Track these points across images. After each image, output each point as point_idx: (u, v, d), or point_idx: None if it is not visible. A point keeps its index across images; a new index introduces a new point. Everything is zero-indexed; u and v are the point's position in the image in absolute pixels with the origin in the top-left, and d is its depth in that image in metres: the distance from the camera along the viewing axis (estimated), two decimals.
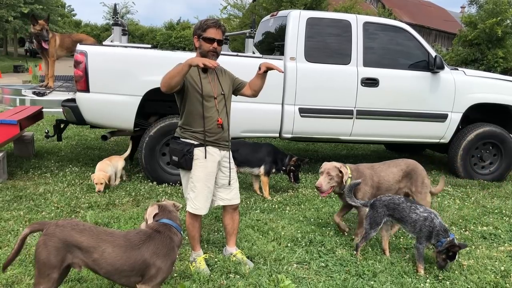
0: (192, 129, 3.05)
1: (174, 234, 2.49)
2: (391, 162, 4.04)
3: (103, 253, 2.28)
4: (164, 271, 2.37)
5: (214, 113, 3.06)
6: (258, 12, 18.62)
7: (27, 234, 2.32)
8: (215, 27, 3.01)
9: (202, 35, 3.01)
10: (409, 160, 4.07)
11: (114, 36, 5.58)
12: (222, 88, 3.12)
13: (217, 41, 3.01)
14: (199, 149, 3.04)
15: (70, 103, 5.12)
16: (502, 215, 4.69)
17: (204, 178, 3.04)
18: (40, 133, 7.67)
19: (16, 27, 28.80)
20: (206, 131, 3.03)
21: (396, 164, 3.98)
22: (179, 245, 2.55)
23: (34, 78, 18.12)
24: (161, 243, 2.39)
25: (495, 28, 19.72)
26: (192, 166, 3.03)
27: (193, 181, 3.05)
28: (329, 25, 5.64)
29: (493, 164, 6.29)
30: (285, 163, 5.04)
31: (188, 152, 3.01)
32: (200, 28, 3.03)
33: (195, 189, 3.05)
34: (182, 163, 3.04)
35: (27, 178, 5.17)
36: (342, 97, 5.60)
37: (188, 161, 3.02)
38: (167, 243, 2.41)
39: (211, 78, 3.10)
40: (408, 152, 7.93)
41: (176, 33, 33.47)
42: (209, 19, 3.07)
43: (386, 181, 3.85)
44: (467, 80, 6.00)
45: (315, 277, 3.13)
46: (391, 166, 3.96)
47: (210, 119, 3.04)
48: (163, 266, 2.36)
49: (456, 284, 3.10)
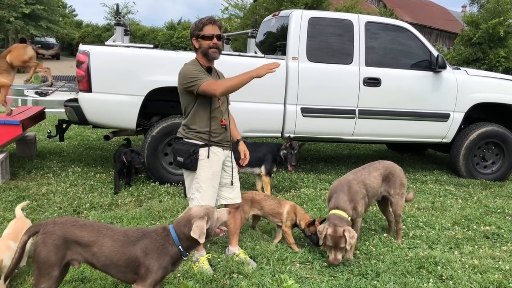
0: (197, 129, 3.06)
1: (170, 244, 2.37)
2: (369, 166, 3.79)
3: (102, 246, 2.28)
4: (152, 272, 2.31)
5: (219, 114, 3.08)
6: (259, 12, 18.61)
7: (25, 240, 2.33)
8: (210, 24, 3.02)
9: (200, 34, 3.02)
10: (386, 162, 3.89)
11: (116, 36, 5.59)
12: None
13: (216, 36, 3.02)
14: (204, 149, 3.05)
15: (73, 103, 5.13)
16: (504, 215, 4.68)
17: (210, 178, 3.05)
18: (42, 134, 7.68)
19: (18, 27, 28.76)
20: (212, 131, 3.05)
21: (376, 168, 3.77)
22: (175, 259, 2.40)
23: (35, 79, 18.13)
24: (151, 243, 2.34)
25: (497, 27, 19.67)
26: (197, 166, 3.03)
27: (199, 181, 3.05)
28: (331, 24, 5.64)
29: (495, 163, 6.28)
30: (281, 151, 4.92)
31: (194, 152, 3.01)
32: (196, 29, 3.04)
33: (201, 189, 3.05)
34: (188, 164, 3.04)
35: (30, 179, 5.17)
36: (344, 96, 5.60)
37: (194, 162, 3.02)
38: (157, 246, 2.35)
39: (215, 79, 3.11)
40: (410, 151, 7.92)
41: (177, 33, 33.44)
42: (203, 18, 3.07)
43: (372, 188, 3.66)
44: (469, 79, 5.99)
45: (318, 277, 3.13)
46: (371, 171, 3.73)
47: (215, 119, 3.06)
48: (150, 266, 2.31)
49: (459, 284, 3.10)
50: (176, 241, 2.38)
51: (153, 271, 2.31)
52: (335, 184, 3.60)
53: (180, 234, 2.40)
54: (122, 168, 4.95)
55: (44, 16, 29.97)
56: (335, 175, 6.00)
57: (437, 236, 3.98)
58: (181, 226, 2.41)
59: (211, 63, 3.11)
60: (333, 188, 3.56)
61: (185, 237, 2.39)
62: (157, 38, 34.75)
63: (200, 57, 3.08)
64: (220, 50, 3.09)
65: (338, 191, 3.49)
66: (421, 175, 6.33)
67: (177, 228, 2.41)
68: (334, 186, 3.59)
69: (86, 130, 8.48)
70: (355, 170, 3.77)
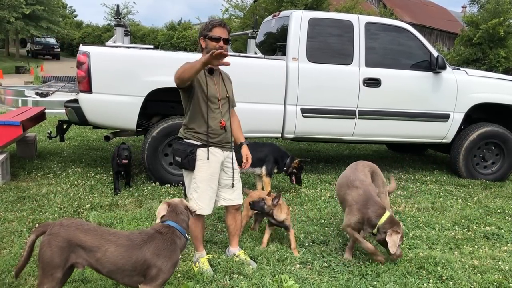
0: (195, 130, 3.07)
1: (178, 237, 2.47)
2: (356, 167, 3.72)
3: (106, 252, 2.29)
4: (164, 272, 2.36)
5: (218, 115, 3.08)
6: (259, 13, 18.61)
7: (34, 240, 2.34)
8: (220, 26, 3.04)
9: (208, 34, 3.03)
10: (366, 162, 3.86)
11: (117, 37, 5.59)
12: (227, 91, 3.16)
13: (223, 40, 3.03)
14: (202, 149, 3.05)
15: (73, 104, 5.14)
16: (504, 215, 4.69)
17: (207, 178, 3.05)
18: (43, 134, 7.68)
19: (18, 28, 28.80)
20: (209, 132, 3.05)
21: (362, 170, 3.72)
22: (183, 248, 2.53)
23: (36, 79, 18.16)
24: (162, 244, 2.39)
25: (497, 28, 19.68)
26: (195, 166, 3.04)
27: (196, 181, 3.06)
28: (331, 25, 5.64)
29: (495, 164, 6.29)
30: (287, 164, 5.03)
31: (191, 152, 3.02)
32: (205, 29, 3.06)
33: (198, 189, 3.06)
34: (185, 164, 3.05)
35: (30, 179, 5.18)
36: (344, 97, 5.60)
37: (191, 162, 3.03)
38: (168, 245, 2.40)
39: (216, 80, 3.12)
40: (410, 152, 7.93)
41: (177, 34, 33.42)
42: (214, 19, 3.11)
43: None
44: (469, 80, 5.99)
45: (318, 277, 3.14)
46: (360, 172, 3.66)
47: (213, 120, 3.06)
48: (163, 267, 2.35)
49: (459, 284, 3.10)
50: (183, 232, 2.51)
51: (165, 271, 2.37)
52: (362, 191, 3.40)
53: (183, 224, 2.54)
54: (119, 169, 4.91)
55: (44, 16, 30.01)
56: (335, 175, 6.00)
57: (437, 236, 3.98)
58: (179, 215, 2.55)
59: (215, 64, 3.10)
60: (361, 196, 3.38)
61: (186, 224, 2.57)
62: (157, 38, 34.75)
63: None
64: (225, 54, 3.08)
65: (372, 195, 3.38)
66: (421, 175, 6.34)
67: (177, 219, 2.53)
68: (359, 194, 3.39)
69: (86, 131, 8.49)
70: (352, 171, 3.64)
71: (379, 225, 3.25)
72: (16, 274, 2.45)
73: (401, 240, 3.26)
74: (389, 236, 3.22)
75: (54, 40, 35.14)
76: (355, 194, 3.41)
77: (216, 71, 3.15)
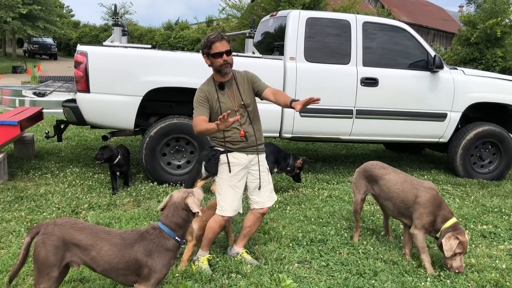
0: (217, 137, 3.17)
1: (165, 238, 2.40)
2: (395, 170, 3.66)
3: (100, 251, 2.29)
4: (156, 271, 2.34)
5: (236, 125, 3.08)
6: (257, 12, 18.61)
7: (29, 242, 2.33)
8: (218, 41, 3.03)
9: (209, 52, 3.06)
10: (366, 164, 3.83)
11: (114, 36, 5.59)
12: (242, 98, 3.14)
13: (225, 53, 3.03)
14: (224, 155, 3.14)
15: (71, 104, 5.13)
16: (501, 214, 4.71)
17: (228, 180, 3.13)
18: (40, 134, 7.67)
19: (15, 28, 28.70)
20: (229, 141, 3.14)
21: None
22: (174, 250, 2.43)
23: (33, 79, 18.11)
24: (151, 243, 2.36)
25: (494, 27, 19.73)
26: (217, 170, 3.16)
27: (219, 183, 3.18)
28: (328, 25, 5.65)
29: (492, 163, 6.31)
30: (289, 164, 5.04)
31: (213, 157, 3.14)
32: (205, 47, 3.07)
33: (221, 191, 3.17)
34: (207, 167, 3.24)
35: (28, 179, 5.17)
36: (342, 96, 5.61)
37: (213, 166, 3.16)
38: (157, 245, 2.37)
39: (230, 92, 3.13)
40: (407, 151, 7.95)
41: (175, 33, 33.38)
42: (210, 34, 3.09)
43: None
44: (466, 79, 6.02)
45: (316, 276, 3.15)
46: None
47: (231, 131, 3.12)
48: (154, 266, 2.33)
49: (456, 283, 3.12)
50: (171, 234, 2.41)
51: (156, 270, 2.34)
52: (431, 195, 3.33)
53: (172, 225, 2.43)
54: (113, 169, 4.87)
55: (42, 16, 29.89)
56: (332, 175, 6.02)
57: None
58: (170, 217, 2.44)
59: (225, 77, 3.12)
60: (433, 199, 3.31)
61: (178, 226, 2.44)
62: (154, 38, 34.68)
63: (214, 73, 3.16)
64: (231, 65, 3.10)
65: (441, 201, 3.34)
66: (419, 174, 6.36)
67: (167, 221, 2.44)
68: (429, 197, 3.31)
69: (84, 131, 8.47)
70: (404, 174, 3.57)
71: (443, 229, 3.23)
72: (10, 280, 2.43)
73: (461, 249, 3.16)
74: (446, 239, 3.16)
75: (51, 40, 35.04)
76: (427, 195, 3.30)
77: (229, 81, 3.14)
